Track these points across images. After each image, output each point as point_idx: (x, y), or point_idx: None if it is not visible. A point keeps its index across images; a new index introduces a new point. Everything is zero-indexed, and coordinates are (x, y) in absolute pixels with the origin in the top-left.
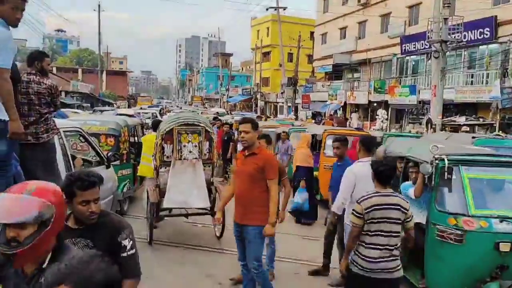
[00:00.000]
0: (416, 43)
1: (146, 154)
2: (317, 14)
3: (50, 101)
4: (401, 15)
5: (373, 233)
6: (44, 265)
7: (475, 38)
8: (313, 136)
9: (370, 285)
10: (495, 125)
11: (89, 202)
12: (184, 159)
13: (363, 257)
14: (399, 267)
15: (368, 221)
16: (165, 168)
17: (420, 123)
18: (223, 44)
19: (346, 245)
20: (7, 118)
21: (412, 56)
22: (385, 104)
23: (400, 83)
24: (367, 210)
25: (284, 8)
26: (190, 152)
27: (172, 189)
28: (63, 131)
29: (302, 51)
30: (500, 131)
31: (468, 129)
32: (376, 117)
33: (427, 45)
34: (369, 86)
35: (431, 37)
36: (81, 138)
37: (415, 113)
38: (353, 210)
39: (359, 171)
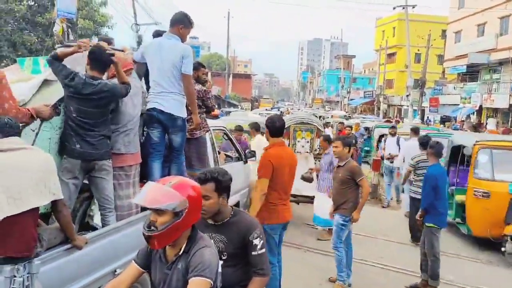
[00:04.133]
0: None
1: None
2: (451, 10)
3: (202, 103)
4: None
5: None
6: (180, 252)
7: None
8: (457, 147)
9: None
10: None
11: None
12: (298, 152)
13: None
14: None
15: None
16: None
17: None
18: (345, 46)
19: None
20: (185, 116)
21: None
22: None
23: None
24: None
25: (414, 6)
26: (303, 147)
27: None
28: (212, 129)
29: (432, 51)
30: None
31: None
32: None
33: None
34: (510, 89)
35: None
36: (224, 136)
37: None
38: None
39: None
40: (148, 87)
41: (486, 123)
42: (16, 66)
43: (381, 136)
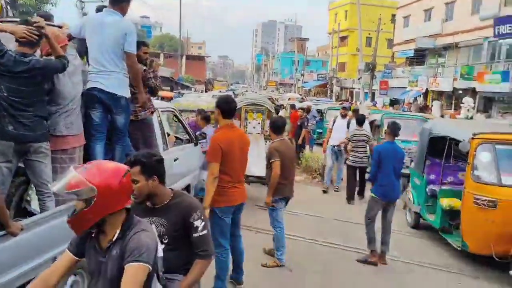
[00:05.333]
0: None
1: None
2: None
3: (143, 83)
4: None
5: None
6: (114, 239)
7: None
8: (439, 138)
9: None
10: None
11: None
12: (249, 133)
13: None
14: None
15: None
16: None
17: None
18: (299, 29)
19: None
20: (128, 96)
21: (506, 40)
22: (472, 92)
23: (490, 69)
24: None
25: None
26: (254, 128)
27: None
28: (161, 111)
29: (382, 35)
30: None
31: None
32: (461, 105)
33: None
34: (454, 72)
35: None
36: (174, 117)
37: (506, 101)
38: None
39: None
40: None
41: (432, 106)
42: None
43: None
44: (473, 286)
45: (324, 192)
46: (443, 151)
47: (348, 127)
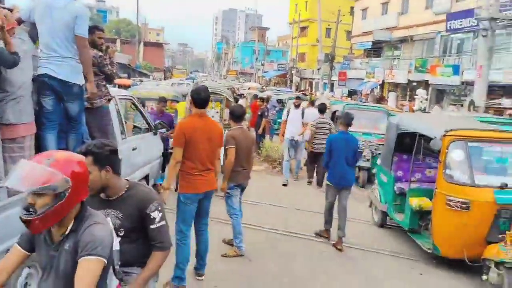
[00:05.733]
0: (463, 20)
1: (180, 117)
2: None
3: (99, 70)
4: None
5: None
6: (67, 232)
7: None
8: (408, 134)
9: None
10: None
11: None
12: None
13: None
14: None
15: None
16: None
17: (462, 105)
18: (260, 18)
19: None
20: (82, 83)
21: (457, 34)
22: (425, 84)
23: (442, 63)
24: None
25: None
26: (213, 117)
27: None
28: (118, 99)
29: (341, 27)
30: None
31: None
32: (415, 97)
33: (474, 23)
34: (409, 65)
35: (479, 14)
36: (132, 106)
37: (456, 94)
38: None
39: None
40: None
41: (388, 97)
42: None
43: None
44: (433, 274)
45: (284, 185)
46: (411, 147)
47: (302, 117)
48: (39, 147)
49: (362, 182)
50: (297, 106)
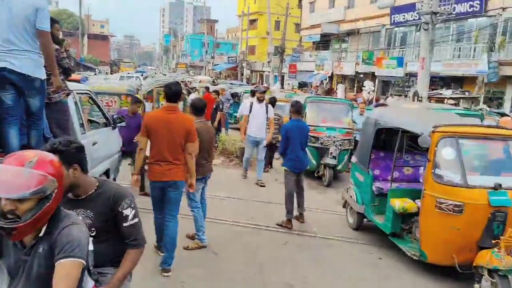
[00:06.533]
0: (406, 14)
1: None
2: None
3: (57, 64)
4: None
5: None
6: (41, 234)
7: (465, 10)
8: (384, 130)
9: None
10: (479, 98)
11: None
12: None
13: None
14: None
15: None
16: None
17: (406, 95)
18: (208, 10)
19: None
20: (44, 77)
21: (400, 28)
22: (372, 76)
23: (388, 55)
24: None
25: None
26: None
27: None
28: (76, 93)
29: (290, 20)
30: (485, 105)
31: (453, 102)
32: (363, 88)
33: (416, 17)
34: (356, 57)
35: (421, 8)
36: (90, 100)
37: (401, 85)
38: None
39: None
40: None
41: (336, 89)
42: None
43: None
44: (394, 261)
45: (244, 177)
46: (388, 144)
47: (267, 112)
48: (1, 143)
49: (328, 180)
50: (260, 101)
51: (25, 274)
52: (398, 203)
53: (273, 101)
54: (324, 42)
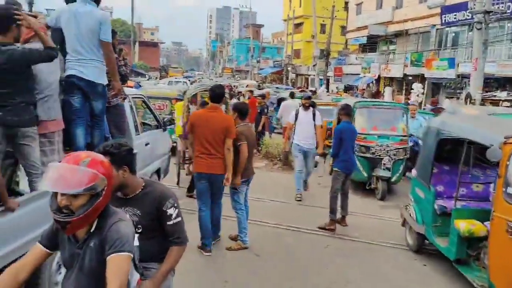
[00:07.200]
0: (457, 13)
1: (179, 116)
2: None
3: None
4: None
5: None
6: (92, 230)
7: None
8: (451, 141)
9: None
10: None
11: None
12: None
13: None
14: None
15: None
16: None
17: (458, 98)
18: (254, 15)
19: None
20: (106, 83)
21: (452, 28)
22: (421, 78)
23: (438, 56)
24: None
25: None
26: None
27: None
28: (131, 97)
29: (336, 22)
30: None
31: (509, 104)
32: (411, 91)
33: (469, 16)
34: (405, 59)
35: (473, 7)
36: (143, 104)
37: (452, 87)
38: None
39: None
40: (64, 54)
41: (384, 91)
42: None
43: None
44: (439, 268)
45: (298, 200)
46: (453, 156)
47: (314, 119)
48: (69, 141)
49: (382, 194)
50: (306, 108)
51: (78, 266)
52: (463, 225)
53: (312, 105)
54: (371, 44)
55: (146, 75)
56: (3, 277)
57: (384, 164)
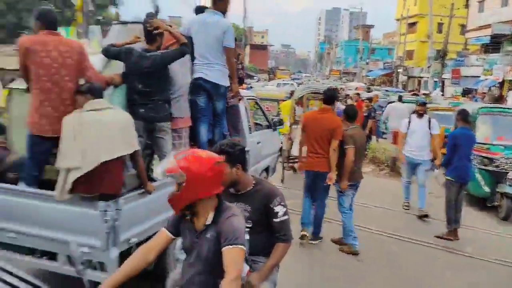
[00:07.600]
0: None
1: (285, 115)
2: None
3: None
4: None
5: None
6: (208, 222)
7: None
8: None
9: None
10: None
11: None
12: None
13: None
14: None
15: None
16: (296, 125)
17: None
18: (364, 16)
19: None
20: (227, 85)
21: None
22: None
23: None
24: None
25: None
26: None
27: (297, 140)
28: (246, 99)
29: (455, 21)
30: None
31: None
32: None
33: None
34: None
35: None
36: (255, 105)
37: None
38: None
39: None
40: (193, 59)
41: (507, 96)
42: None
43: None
44: None
45: (406, 208)
46: None
47: (429, 127)
48: (194, 137)
49: (506, 212)
50: (420, 115)
51: (196, 252)
52: None
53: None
54: (494, 44)
55: (255, 77)
56: (137, 255)
57: (510, 179)
